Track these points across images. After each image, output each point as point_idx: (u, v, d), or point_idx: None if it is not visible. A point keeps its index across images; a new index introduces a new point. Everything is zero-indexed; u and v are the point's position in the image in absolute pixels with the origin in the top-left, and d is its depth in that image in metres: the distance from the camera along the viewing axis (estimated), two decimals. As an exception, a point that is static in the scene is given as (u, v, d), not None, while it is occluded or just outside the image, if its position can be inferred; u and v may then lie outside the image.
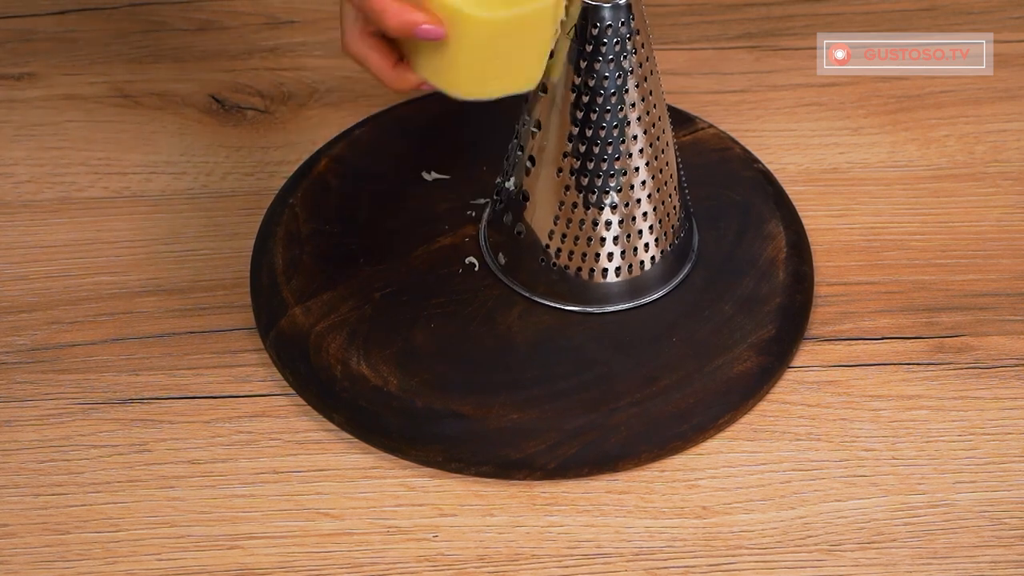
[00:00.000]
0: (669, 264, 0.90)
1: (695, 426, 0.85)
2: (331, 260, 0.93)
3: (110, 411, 0.87)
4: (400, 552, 0.82)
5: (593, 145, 0.85)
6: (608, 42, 0.83)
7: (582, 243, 0.88)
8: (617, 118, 0.85)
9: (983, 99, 1.05)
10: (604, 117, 0.85)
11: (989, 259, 0.95)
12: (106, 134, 1.03)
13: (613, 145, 0.85)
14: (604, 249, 0.88)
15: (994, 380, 0.89)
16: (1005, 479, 0.84)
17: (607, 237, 0.88)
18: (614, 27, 0.83)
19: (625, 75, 0.84)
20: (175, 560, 0.81)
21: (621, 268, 0.89)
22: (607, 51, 0.83)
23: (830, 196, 0.99)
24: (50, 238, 0.97)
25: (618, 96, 0.84)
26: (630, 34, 0.83)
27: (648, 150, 0.86)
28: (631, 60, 0.84)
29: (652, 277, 0.90)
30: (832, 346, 0.91)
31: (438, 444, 0.84)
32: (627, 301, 0.90)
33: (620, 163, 0.86)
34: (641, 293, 0.90)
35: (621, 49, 0.83)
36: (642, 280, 0.90)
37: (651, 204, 0.88)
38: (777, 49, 1.09)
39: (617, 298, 0.90)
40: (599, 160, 0.86)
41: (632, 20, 0.83)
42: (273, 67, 1.08)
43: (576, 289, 0.89)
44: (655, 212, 0.88)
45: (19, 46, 1.10)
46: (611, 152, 0.86)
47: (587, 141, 0.85)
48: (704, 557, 0.81)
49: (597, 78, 0.84)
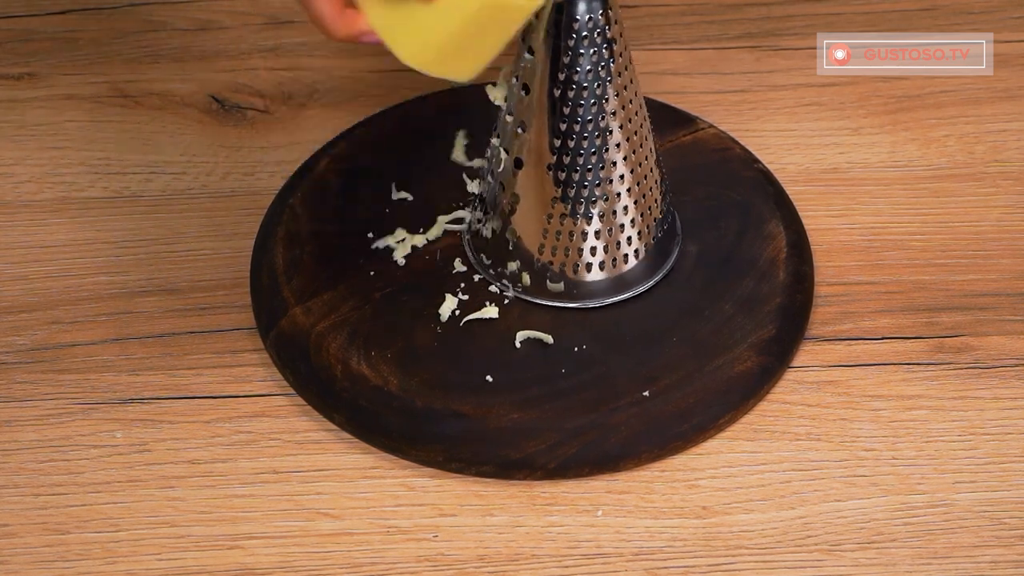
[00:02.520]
0: (653, 257, 0.90)
1: (695, 426, 0.85)
2: (331, 260, 0.93)
3: (110, 411, 0.87)
4: (400, 552, 0.82)
5: (570, 139, 0.85)
6: (588, 35, 0.83)
7: (564, 238, 0.88)
8: (603, 111, 0.85)
9: (983, 99, 1.05)
10: (587, 111, 0.85)
11: (989, 259, 0.95)
12: (106, 134, 1.03)
13: (601, 137, 0.85)
14: (595, 243, 0.88)
15: (994, 380, 0.89)
16: (1005, 479, 0.84)
17: (598, 231, 0.88)
18: (592, 19, 0.83)
19: (605, 67, 0.84)
20: (175, 560, 0.81)
21: (612, 261, 0.89)
22: (588, 44, 0.83)
23: (830, 196, 0.99)
24: (50, 238, 0.97)
25: (602, 88, 0.84)
26: (608, 24, 0.83)
27: (633, 139, 0.86)
28: (611, 51, 0.84)
29: (637, 270, 0.90)
30: (832, 346, 0.91)
31: (438, 444, 0.84)
32: (614, 295, 0.90)
33: (602, 156, 0.86)
34: (627, 287, 0.90)
35: (601, 41, 0.83)
36: (627, 274, 0.90)
37: (632, 197, 0.88)
38: (777, 49, 1.09)
39: (603, 293, 0.90)
40: (578, 154, 0.86)
41: (610, 10, 0.83)
42: (273, 67, 1.08)
43: (562, 285, 0.89)
44: (636, 205, 0.88)
45: (19, 46, 1.10)
46: (590, 146, 0.85)
47: (565, 136, 0.85)
48: (704, 557, 0.81)
49: (580, 72, 0.84)
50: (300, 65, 1.08)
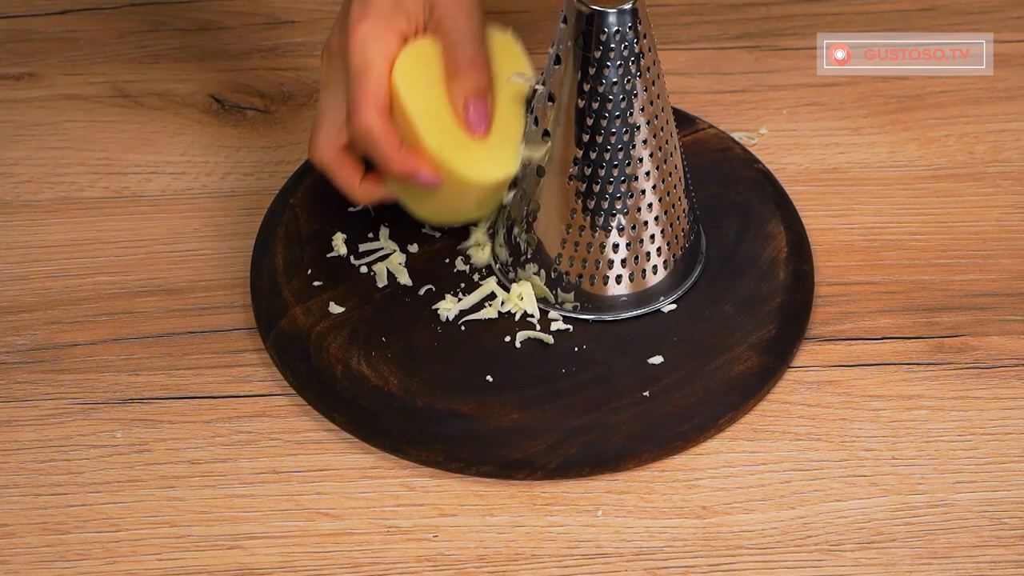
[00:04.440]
0: (679, 270, 0.90)
1: (695, 426, 0.85)
2: (332, 260, 0.93)
3: (110, 411, 0.87)
4: (400, 552, 0.82)
5: (594, 151, 0.85)
6: (615, 47, 0.83)
7: (582, 249, 0.88)
8: (627, 124, 0.85)
9: (983, 99, 1.05)
10: (613, 123, 0.85)
11: (989, 259, 0.95)
12: (106, 134, 1.03)
13: (624, 150, 0.85)
14: (613, 256, 0.88)
15: (994, 380, 0.89)
16: (1005, 479, 0.84)
17: (617, 243, 0.88)
18: (621, 32, 0.83)
19: (633, 80, 0.84)
20: (175, 560, 0.81)
21: (629, 275, 0.88)
22: (615, 56, 0.83)
23: (830, 196, 0.99)
24: (50, 238, 0.97)
25: (627, 101, 0.84)
26: (636, 38, 0.83)
27: (657, 155, 0.86)
28: (638, 65, 0.84)
29: (660, 284, 0.90)
30: (832, 346, 0.91)
31: (439, 444, 0.84)
32: (634, 309, 0.90)
33: (629, 169, 0.86)
34: (649, 301, 0.90)
35: (629, 54, 0.83)
36: (650, 288, 0.89)
37: (660, 209, 0.88)
38: (777, 49, 1.09)
39: (624, 306, 0.90)
40: (608, 167, 0.85)
41: (639, 24, 0.83)
42: (273, 67, 1.08)
43: (584, 298, 0.89)
44: (665, 216, 0.88)
45: (19, 46, 1.10)
46: (621, 158, 0.85)
47: (595, 148, 0.85)
48: (704, 557, 0.81)
49: (606, 84, 0.84)
50: (300, 65, 1.08)
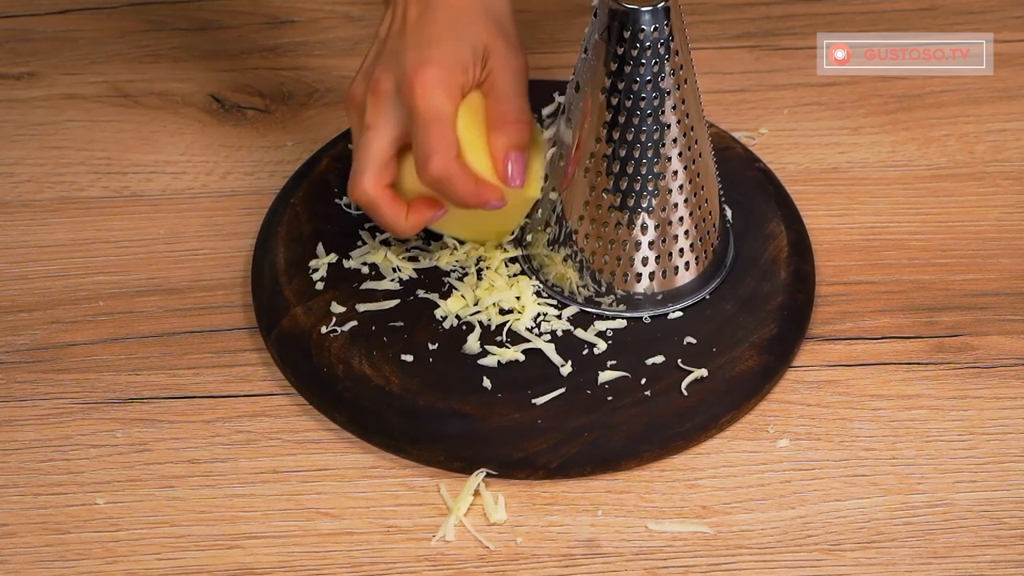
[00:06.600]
0: (704, 273, 0.90)
1: (696, 425, 0.85)
2: (332, 260, 0.93)
3: (110, 411, 0.87)
4: (400, 552, 0.81)
5: (627, 148, 0.85)
6: (650, 46, 0.83)
7: (604, 245, 0.88)
8: (659, 123, 0.84)
9: (983, 99, 1.05)
10: (645, 121, 0.84)
11: (989, 259, 0.95)
12: (106, 134, 1.03)
13: (653, 148, 0.85)
14: (638, 254, 0.88)
15: (994, 380, 0.89)
16: (1005, 479, 0.84)
17: (642, 241, 0.87)
18: (658, 29, 0.82)
19: (664, 79, 0.84)
20: (175, 560, 0.81)
21: (650, 274, 0.88)
22: (651, 55, 0.83)
23: (830, 196, 0.99)
24: (50, 238, 0.97)
25: (659, 100, 0.84)
26: (669, 37, 0.83)
27: (682, 156, 0.86)
28: (670, 64, 0.84)
29: (686, 285, 0.90)
30: (832, 346, 0.91)
31: (439, 444, 0.84)
32: (660, 307, 0.90)
33: (652, 168, 0.86)
34: (675, 300, 0.90)
35: (664, 52, 0.83)
36: (677, 288, 0.89)
37: (687, 209, 0.87)
38: (777, 49, 1.09)
39: (650, 304, 0.89)
40: (637, 163, 0.85)
41: (668, 23, 0.83)
42: (273, 67, 1.08)
43: (594, 292, 0.89)
44: (691, 217, 0.88)
45: (19, 46, 1.10)
46: (650, 156, 0.85)
47: (617, 144, 0.85)
48: (704, 557, 0.81)
49: (640, 83, 0.84)
50: (300, 65, 1.08)
